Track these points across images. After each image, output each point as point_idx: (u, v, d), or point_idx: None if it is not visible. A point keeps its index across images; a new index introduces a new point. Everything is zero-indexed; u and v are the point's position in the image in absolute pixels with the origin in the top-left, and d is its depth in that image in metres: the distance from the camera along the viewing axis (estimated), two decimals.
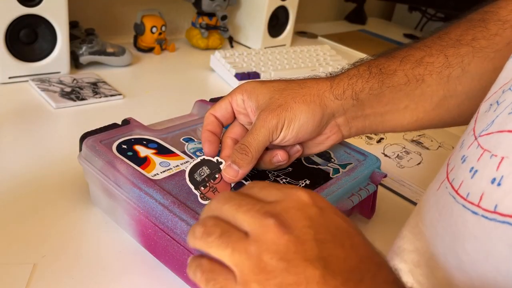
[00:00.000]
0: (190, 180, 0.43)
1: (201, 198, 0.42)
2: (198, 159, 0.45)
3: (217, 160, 0.46)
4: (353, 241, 0.29)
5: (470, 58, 0.47)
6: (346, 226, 0.30)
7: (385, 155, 0.69)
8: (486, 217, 0.32)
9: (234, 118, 0.50)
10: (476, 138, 0.37)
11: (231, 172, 0.44)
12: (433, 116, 0.50)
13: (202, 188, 0.43)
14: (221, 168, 0.45)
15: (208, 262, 0.30)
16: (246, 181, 0.47)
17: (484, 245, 0.32)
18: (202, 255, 0.31)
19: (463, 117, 0.50)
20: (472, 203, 0.34)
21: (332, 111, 0.47)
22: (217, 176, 0.45)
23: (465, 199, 0.35)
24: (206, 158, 0.45)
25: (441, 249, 0.36)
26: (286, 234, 0.28)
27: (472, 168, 0.35)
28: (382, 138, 0.73)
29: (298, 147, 0.49)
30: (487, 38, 0.47)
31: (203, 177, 0.44)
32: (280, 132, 0.45)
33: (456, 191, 0.36)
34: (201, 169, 0.44)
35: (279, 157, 0.48)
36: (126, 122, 0.53)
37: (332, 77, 0.49)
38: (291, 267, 0.27)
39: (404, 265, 0.39)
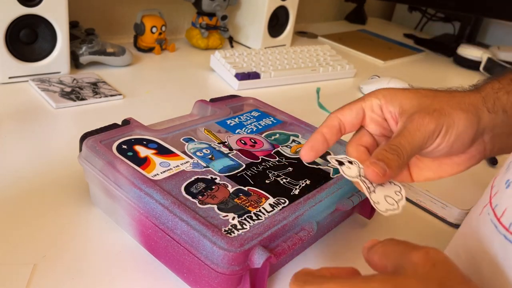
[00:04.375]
0: (187, 193, 0.43)
1: (199, 203, 0.42)
2: (192, 178, 0.45)
3: (211, 177, 0.46)
4: None
5: None
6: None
7: None
8: None
9: (361, 126, 0.44)
10: None
11: (378, 168, 0.36)
12: None
13: (200, 197, 0.43)
14: (217, 183, 0.45)
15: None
16: (245, 182, 0.47)
17: None
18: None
19: None
20: None
21: (484, 126, 0.41)
22: (213, 187, 0.45)
23: (507, 230, 0.32)
24: (200, 177, 0.46)
25: (479, 282, 0.33)
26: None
27: None
28: None
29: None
30: None
31: (199, 189, 0.44)
32: (435, 138, 0.39)
33: (499, 220, 0.33)
34: (196, 184, 0.45)
35: None
36: (126, 122, 0.53)
37: (478, 89, 0.43)
38: None
39: None
